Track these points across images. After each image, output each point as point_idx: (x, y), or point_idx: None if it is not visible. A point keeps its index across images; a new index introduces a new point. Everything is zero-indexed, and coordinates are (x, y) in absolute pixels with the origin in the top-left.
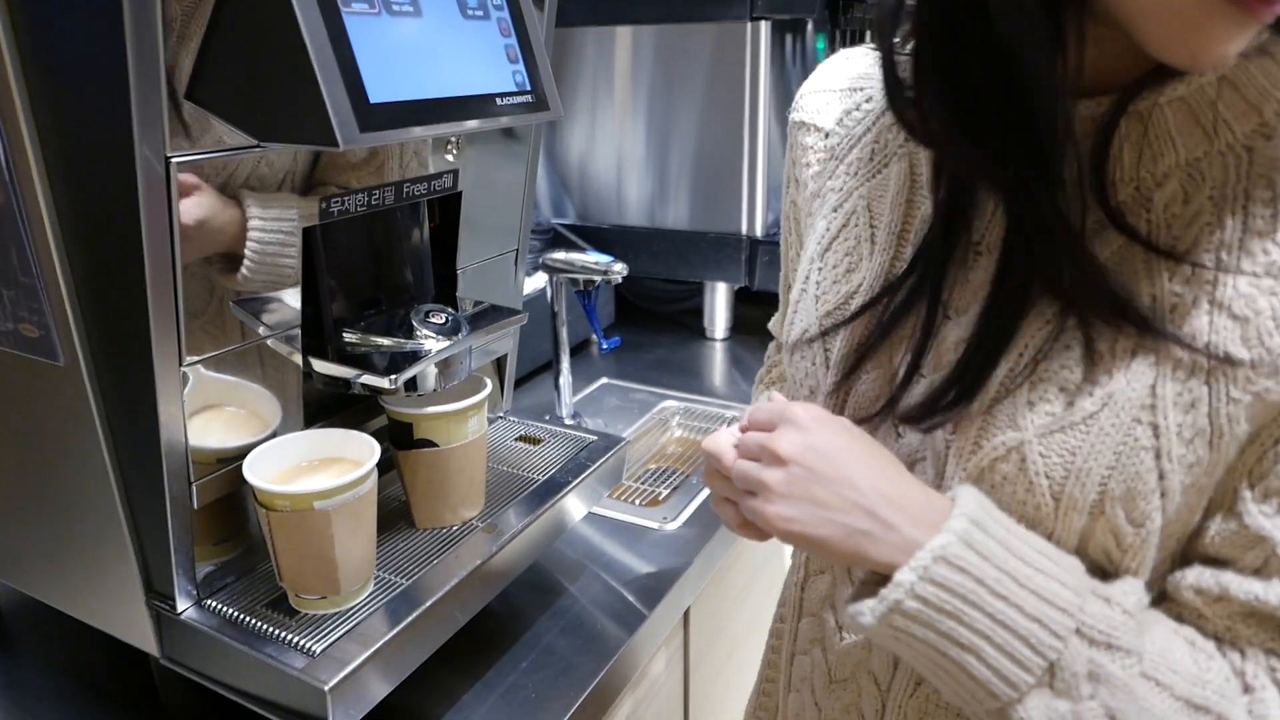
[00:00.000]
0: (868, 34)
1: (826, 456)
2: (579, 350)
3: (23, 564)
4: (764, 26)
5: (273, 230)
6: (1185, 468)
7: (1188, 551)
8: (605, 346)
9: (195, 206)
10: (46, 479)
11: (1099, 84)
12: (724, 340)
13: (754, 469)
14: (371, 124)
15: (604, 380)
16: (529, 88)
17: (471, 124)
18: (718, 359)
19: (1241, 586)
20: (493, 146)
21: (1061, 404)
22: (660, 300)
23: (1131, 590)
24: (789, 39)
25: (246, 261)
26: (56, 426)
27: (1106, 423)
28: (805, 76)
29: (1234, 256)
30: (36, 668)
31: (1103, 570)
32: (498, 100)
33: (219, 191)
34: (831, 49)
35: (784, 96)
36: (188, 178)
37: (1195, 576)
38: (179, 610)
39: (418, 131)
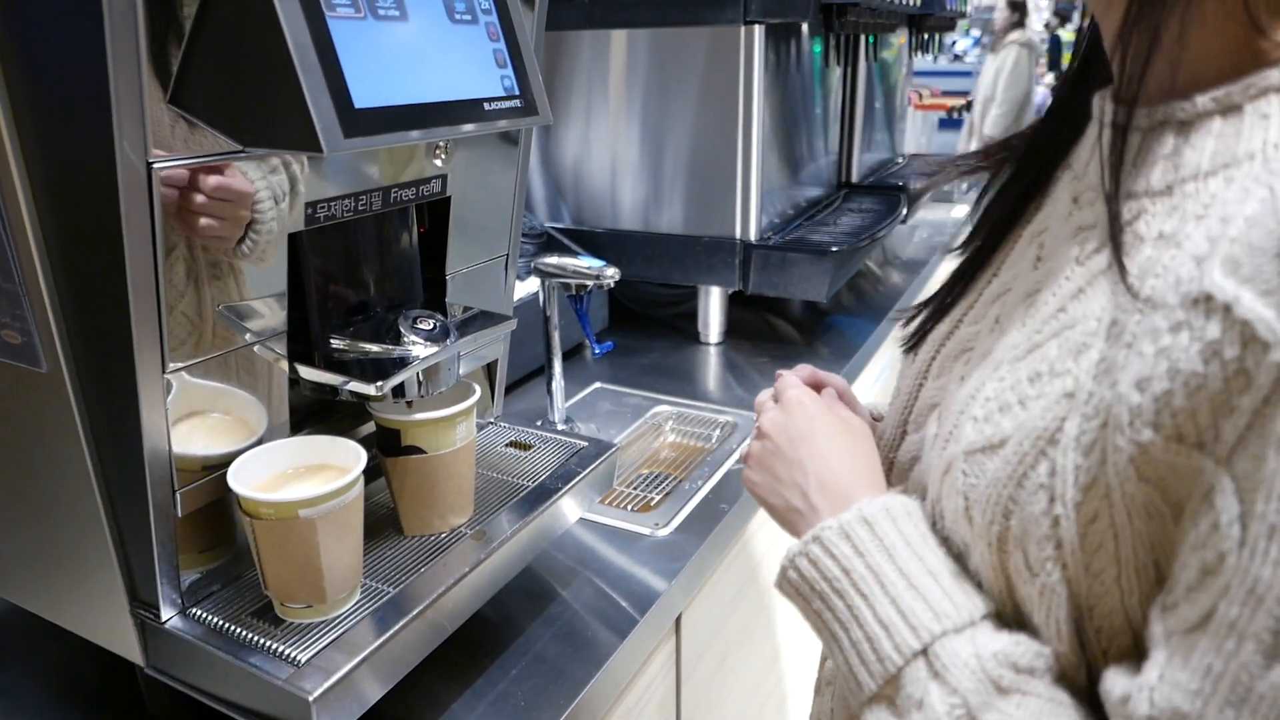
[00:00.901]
0: (861, 38)
1: (792, 439)
2: (572, 355)
3: (6, 572)
4: (758, 30)
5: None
6: (1084, 521)
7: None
8: (598, 351)
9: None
10: (30, 486)
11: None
12: (718, 344)
13: (755, 433)
14: (357, 129)
15: (597, 385)
16: (518, 92)
17: (459, 129)
18: (712, 363)
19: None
20: (483, 151)
21: (991, 424)
22: (654, 304)
23: (1019, 650)
24: (783, 43)
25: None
26: (40, 434)
27: (1012, 451)
28: (800, 79)
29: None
30: (23, 676)
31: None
32: (486, 105)
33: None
34: (827, 53)
35: (778, 100)
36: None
37: (1110, 683)
38: (163, 619)
39: (403, 137)
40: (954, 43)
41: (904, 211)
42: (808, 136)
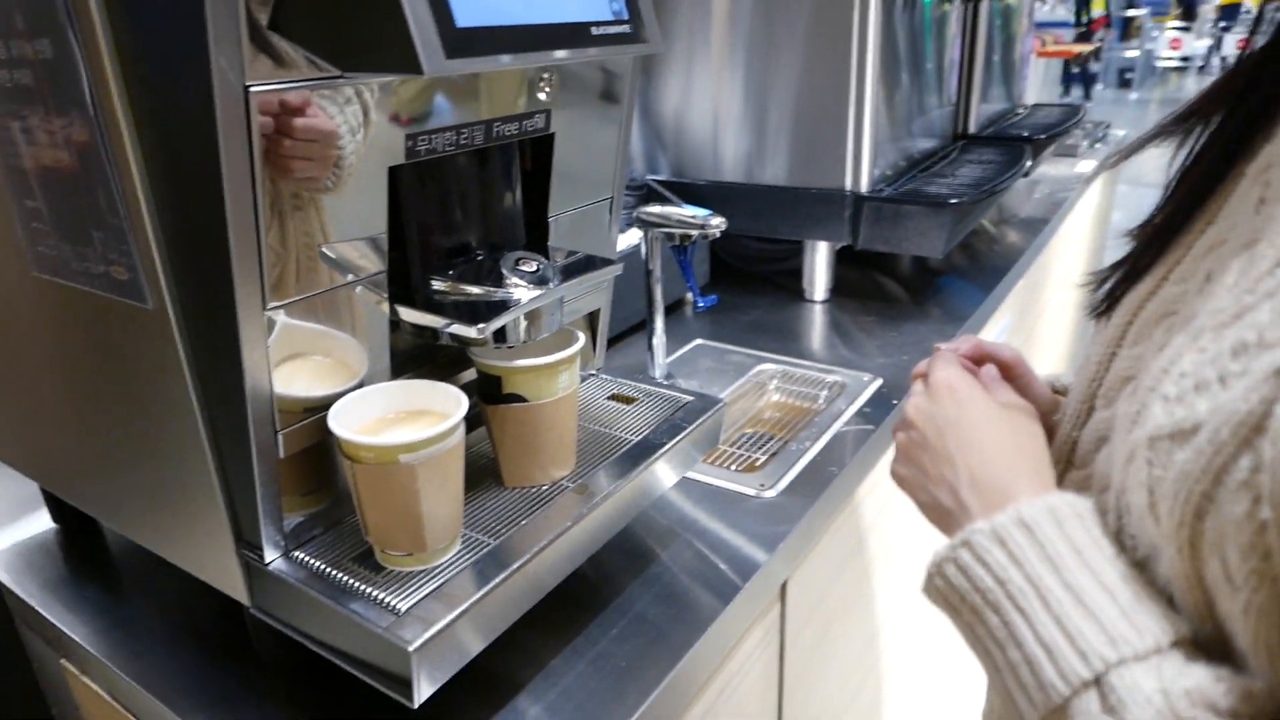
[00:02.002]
0: None
1: (940, 429)
2: (671, 311)
3: (122, 508)
4: None
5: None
6: None
7: None
8: (701, 304)
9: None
10: (140, 423)
11: None
12: (824, 302)
13: (900, 422)
14: (458, 50)
15: (698, 341)
16: (626, 17)
17: (565, 54)
18: (817, 322)
19: None
20: (588, 85)
21: (1183, 405)
22: (757, 260)
23: (1220, 688)
24: None
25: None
26: (147, 371)
27: (1206, 440)
28: (916, 22)
29: None
30: (143, 609)
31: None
32: (593, 29)
33: None
34: None
35: (893, 43)
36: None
37: None
38: (267, 561)
39: (506, 60)
40: None
41: (1028, 163)
42: (923, 83)
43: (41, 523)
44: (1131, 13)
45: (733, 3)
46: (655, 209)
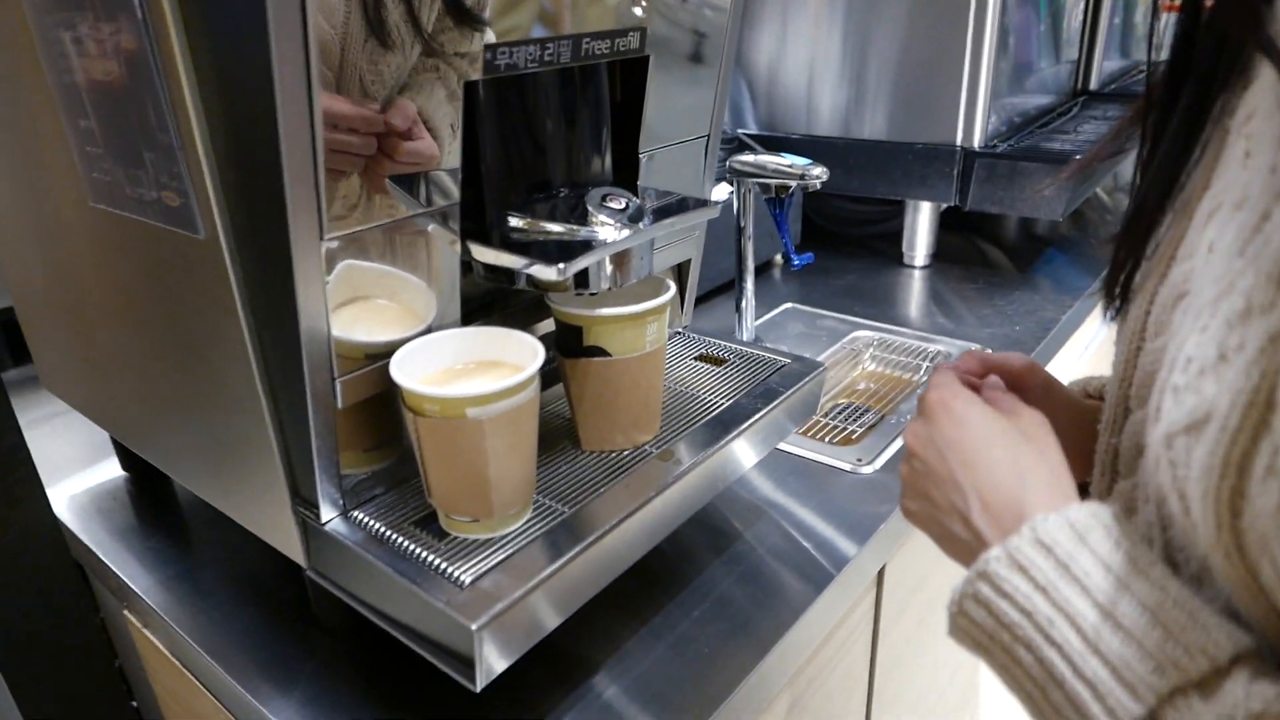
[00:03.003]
0: None
1: (942, 453)
2: (760, 272)
3: (180, 458)
4: None
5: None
6: None
7: None
8: (797, 263)
9: None
10: (195, 368)
11: None
12: (924, 268)
13: (904, 453)
14: None
15: (788, 305)
16: None
17: None
18: (916, 288)
19: None
20: (685, 8)
21: (1192, 392)
22: (851, 223)
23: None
24: None
25: None
26: (201, 310)
27: (1218, 428)
28: None
29: None
30: (205, 562)
31: None
32: None
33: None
34: None
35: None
36: None
37: None
38: (323, 520)
39: None
40: None
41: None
42: (1043, 35)
43: (112, 470)
44: None
45: None
46: (749, 158)
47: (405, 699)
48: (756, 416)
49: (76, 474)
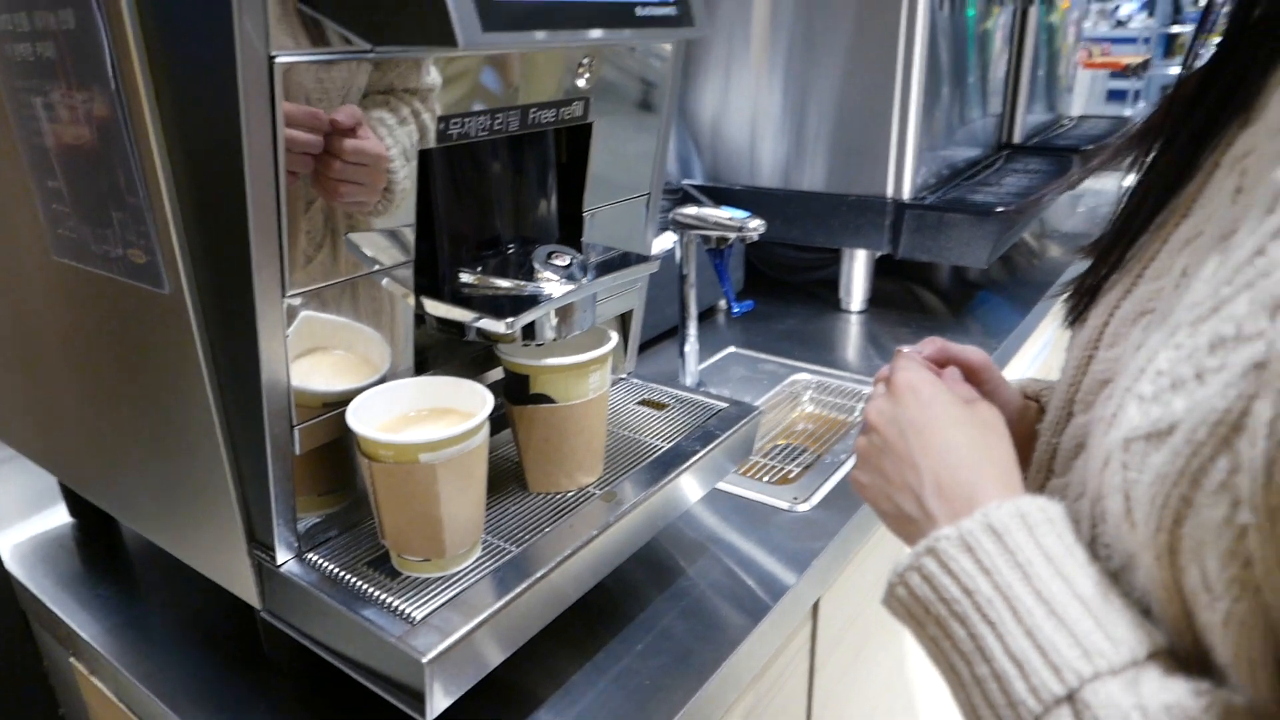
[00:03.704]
0: None
1: (903, 431)
2: (703, 318)
3: (134, 503)
4: None
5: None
6: None
7: None
8: (737, 310)
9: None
10: (153, 417)
11: None
12: (860, 313)
13: (861, 426)
14: (496, 24)
15: (731, 349)
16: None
17: (606, 33)
18: (853, 332)
19: None
20: (629, 73)
21: (1159, 404)
22: (792, 269)
23: (1200, 702)
24: None
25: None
26: (163, 361)
27: (1183, 440)
28: (963, 29)
29: None
30: (155, 609)
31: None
32: (637, 10)
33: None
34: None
35: (939, 48)
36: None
37: None
38: (279, 562)
39: (544, 36)
40: (1117, 7)
41: (1074, 174)
42: (967, 91)
43: (59, 517)
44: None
45: (774, 4)
46: (691, 210)
47: None
48: (694, 458)
49: (21, 521)
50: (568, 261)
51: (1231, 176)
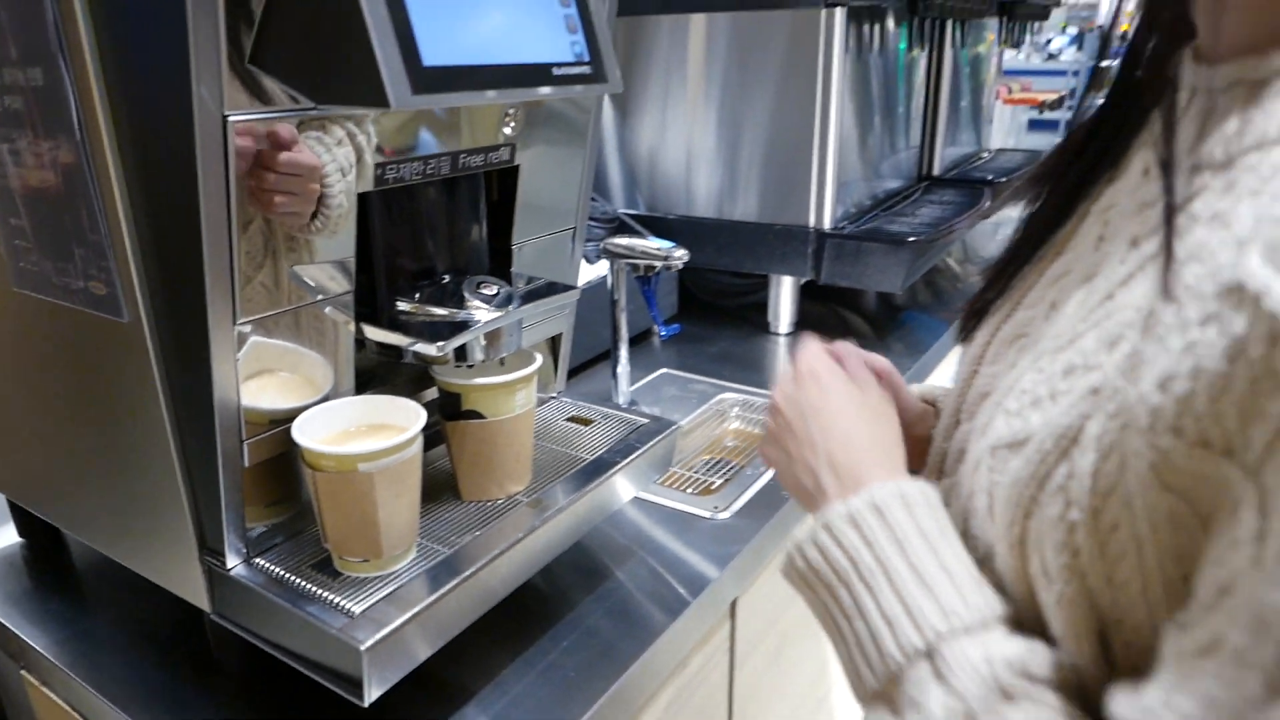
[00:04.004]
0: (948, 25)
1: (803, 413)
2: (640, 340)
3: (88, 519)
4: (839, 14)
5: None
6: (1104, 530)
7: None
8: (664, 334)
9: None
10: (110, 435)
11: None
12: (788, 335)
13: (769, 407)
14: (424, 87)
15: (664, 370)
16: (588, 59)
17: (527, 92)
18: (780, 354)
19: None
20: (552, 120)
21: (1020, 419)
22: (725, 294)
23: (1035, 658)
24: (867, 28)
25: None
26: (120, 383)
27: (1034, 449)
28: (883, 67)
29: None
30: (105, 621)
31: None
32: (554, 70)
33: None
34: (911, 39)
35: (859, 87)
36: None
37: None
38: (229, 567)
39: (468, 97)
40: (1049, 40)
41: (986, 204)
42: (888, 126)
43: (8, 537)
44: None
45: (708, 44)
46: (622, 241)
47: None
48: (615, 469)
49: None
50: (495, 290)
51: (1096, 225)
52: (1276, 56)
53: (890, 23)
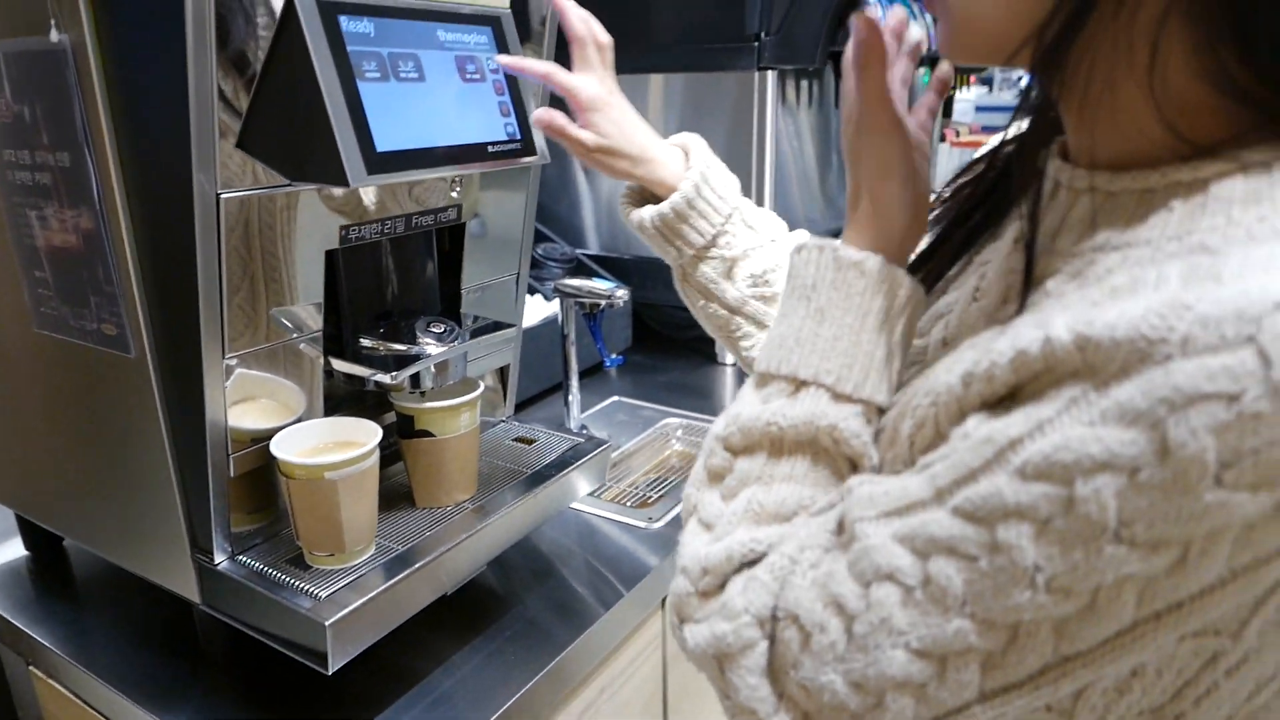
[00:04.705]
0: None
1: (856, 146)
2: (596, 370)
3: (92, 527)
4: (770, 76)
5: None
6: (921, 423)
7: None
8: (608, 364)
9: None
10: (115, 452)
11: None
12: (734, 365)
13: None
14: (377, 168)
15: (615, 398)
16: (519, 137)
17: (464, 168)
18: (727, 382)
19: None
20: (495, 183)
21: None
22: (677, 326)
23: (856, 442)
24: (801, 85)
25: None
26: (126, 408)
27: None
28: (821, 120)
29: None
30: (100, 621)
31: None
32: (489, 148)
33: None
34: (837, 96)
35: (797, 138)
36: None
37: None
38: (216, 562)
39: (416, 175)
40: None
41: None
42: (826, 172)
43: (13, 551)
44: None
45: (665, 100)
46: (571, 281)
47: (274, 707)
48: (550, 481)
49: None
50: (444, 328)
51: (974, 277)
52: (1125, 176)
53: (829, 79)
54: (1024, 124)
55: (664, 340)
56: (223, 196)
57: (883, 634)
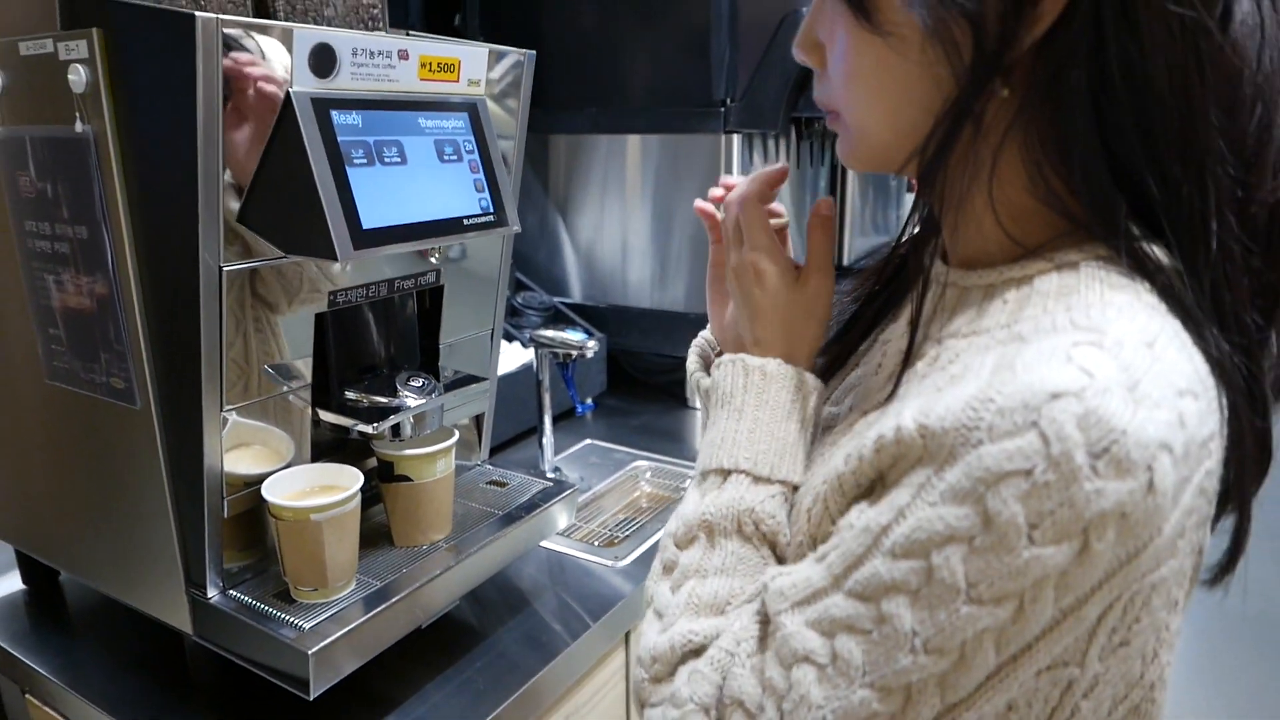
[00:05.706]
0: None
1: (748, 298)
2: (570, 415)
3: (92, 563)
4: (735, 139)
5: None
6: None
7: None
8: (580, 410)
9: None
10: (117, 494)
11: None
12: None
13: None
14: (363, 243)
15: (589, 441)
16: (492, 210)
17: (442, 240)
18: (695, 427)
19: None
20: (471, 250)
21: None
22: (652, 371)
23: (773, 523)
24: (768, 145)
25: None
26: (130, 454)
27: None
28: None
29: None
30: (94, 652)
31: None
32: (465, 221)
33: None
34: (799, 158)
35: None
36: None
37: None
38: (209, 596)
39: (398, 248)
40: None
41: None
42: (798, 224)
43: (11, 584)
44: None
45: (642, 159)
46: (545, 332)
47: None
48: (519, 522)
49: None
50: (422, 382)
51: (878, 354)
52: (975, 273)
53: (786, 142)
54: (916, 226)
55: (637, 384)
56: (225, 269)
57: (804, 710)
